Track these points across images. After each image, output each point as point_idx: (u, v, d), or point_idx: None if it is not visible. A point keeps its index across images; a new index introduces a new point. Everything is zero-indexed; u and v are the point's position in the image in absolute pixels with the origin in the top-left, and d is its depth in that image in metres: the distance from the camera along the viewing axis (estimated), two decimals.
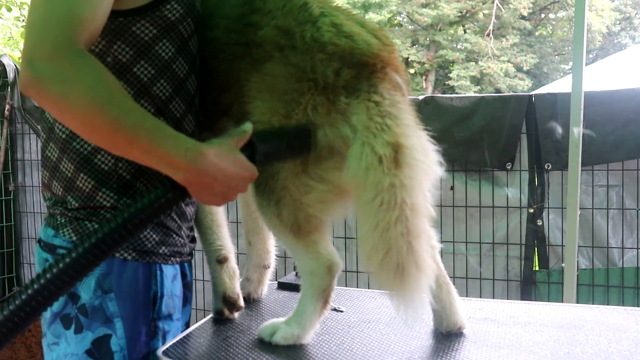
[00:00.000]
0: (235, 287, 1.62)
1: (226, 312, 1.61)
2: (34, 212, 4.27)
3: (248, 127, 1.26)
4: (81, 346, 1.33)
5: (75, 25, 1.12)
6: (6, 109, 4.23)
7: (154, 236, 1.38)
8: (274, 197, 1.34)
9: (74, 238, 1.34)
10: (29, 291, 1.11)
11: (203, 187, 1.18)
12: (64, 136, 1.34)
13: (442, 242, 1.51)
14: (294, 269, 2.06)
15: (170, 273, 1.42)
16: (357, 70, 1.28)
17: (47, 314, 1.36)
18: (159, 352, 1.38)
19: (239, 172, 1.20)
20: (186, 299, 1.52)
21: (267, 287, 1.83)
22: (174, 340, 1.43)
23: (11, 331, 1.11)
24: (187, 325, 1.50)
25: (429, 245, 1.28)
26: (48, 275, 1.11)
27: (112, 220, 1.15)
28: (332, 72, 1.28)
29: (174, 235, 1.43)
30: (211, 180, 1.17)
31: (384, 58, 1.31)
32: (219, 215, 1.62)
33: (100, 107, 1.10)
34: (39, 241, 1.42)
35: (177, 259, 1.45)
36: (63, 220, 1.36)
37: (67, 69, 1.09)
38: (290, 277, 1.99)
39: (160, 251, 1.39)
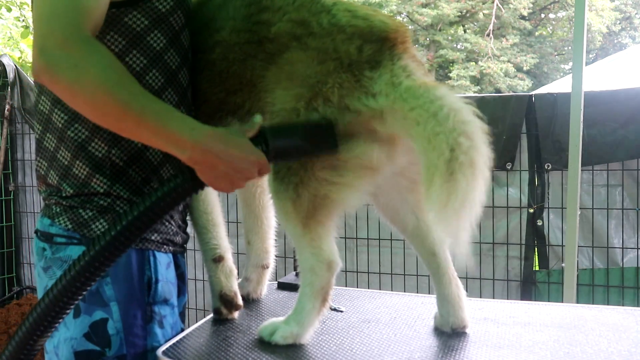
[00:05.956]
0: (232, 285, 1.62)
1: (224, 310, 1.61)
2: (34, 212, 4.26)
3: (258, 119, 1.29)
4: (80, 330, 1.36)
5: (81, 14, 1.19)
6: (6, 109, 4.23)
7: None
8: (294, 180, 1.33)
9: (70, 226, 1.37)
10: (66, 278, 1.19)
11: (208, 167, 1.21)
12: (60, 125, 1.37)
13: None
14: (294, 269, 2.06)
15: (163, 260, 1.45)
16: (378, 45, 1.31)
17: None
18: (159, 352, 1.39)
19: (243, 155, 1.22)
20: (180, 290, 1.54)
21: (266, 287, 1.83)
22: (174, 340, 1.43)
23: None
24: (182, 317, 1.52)
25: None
26: (77, 267, 1.19)
27: (135, 209, 1.21)
28: (354, 49, 1.31)
29: (166, 223, 1.46)
30: (215, 159, 1.20)
31: (402, 34, 1.34)
32: (215, 214, 1.62)
33: (110, 91, 1.16)
34: (36, 232, 1.45)
35: (170, 247, 1.47)
36: (58, 209, 1.39)
37: (77, 55, 1.15)
38: (290, 277, 1.99)
39: (153, 238, 1.42)
